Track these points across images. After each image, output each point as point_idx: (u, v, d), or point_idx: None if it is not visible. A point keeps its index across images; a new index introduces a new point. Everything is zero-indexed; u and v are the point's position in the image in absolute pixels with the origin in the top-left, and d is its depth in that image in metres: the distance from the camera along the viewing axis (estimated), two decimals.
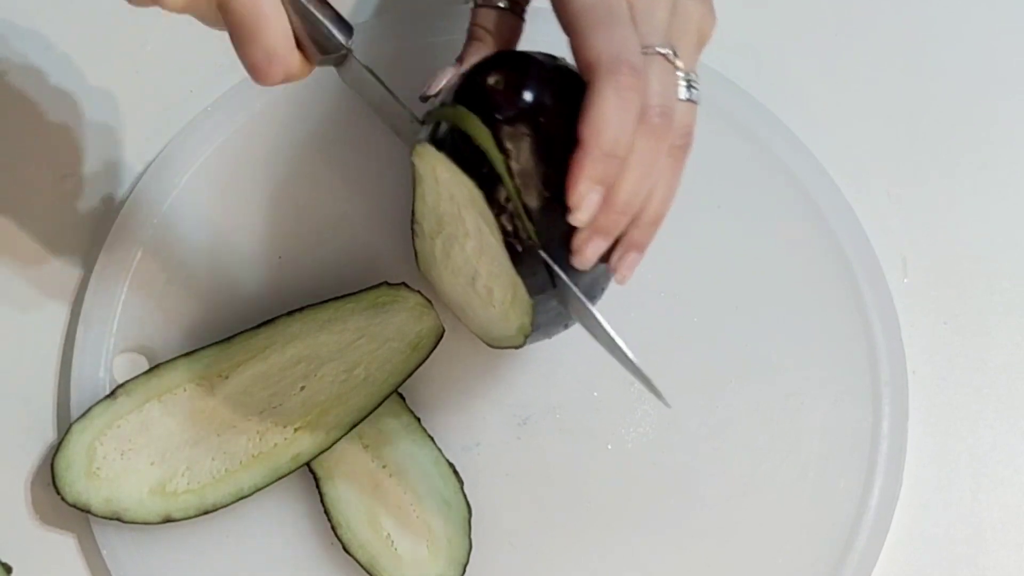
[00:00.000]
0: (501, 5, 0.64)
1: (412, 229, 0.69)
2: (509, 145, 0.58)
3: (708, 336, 0.75)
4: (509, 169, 0.58)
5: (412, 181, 0.65)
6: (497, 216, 0.59)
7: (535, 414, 0.74)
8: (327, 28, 0.60)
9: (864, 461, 0.73)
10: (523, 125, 0.58)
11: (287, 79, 0.59)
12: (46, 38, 0.78)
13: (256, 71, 0.58)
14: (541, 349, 0.72)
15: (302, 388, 0.71)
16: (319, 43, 0.60)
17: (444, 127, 0.59)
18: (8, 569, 0.71)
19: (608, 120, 0.56)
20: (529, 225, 0.59)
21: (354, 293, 0.71)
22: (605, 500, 0.73)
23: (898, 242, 0.78)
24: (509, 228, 0.59)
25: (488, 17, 0.64)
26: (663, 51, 0.59)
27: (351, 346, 0.71)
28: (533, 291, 0.61)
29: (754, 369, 0.74)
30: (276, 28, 0.57)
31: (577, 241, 0.59)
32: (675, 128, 0.59)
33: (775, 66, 0.79)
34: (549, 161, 0.58)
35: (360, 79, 0.63)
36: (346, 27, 0.60)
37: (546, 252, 0.60)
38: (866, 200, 0.77)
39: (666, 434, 0.74)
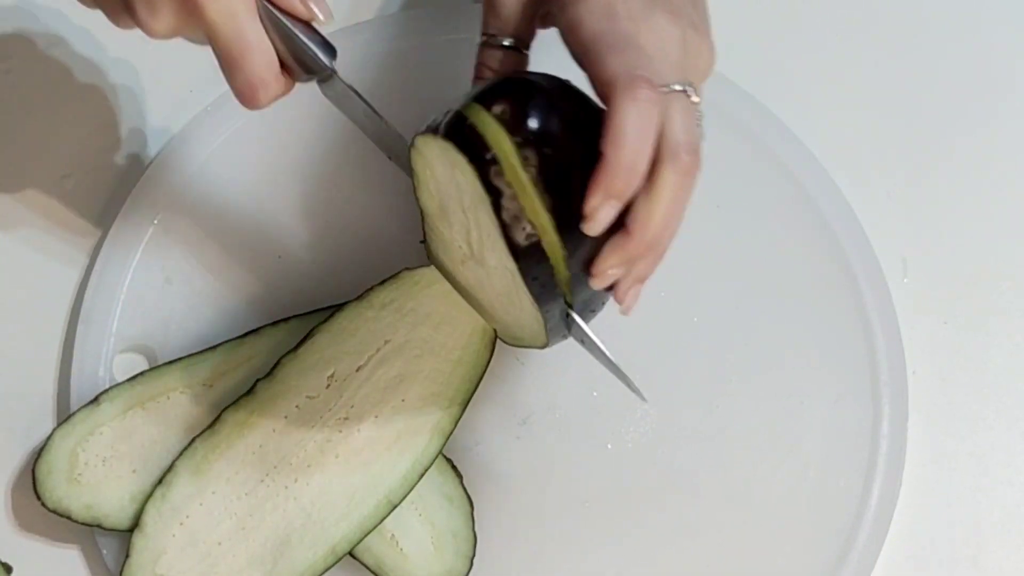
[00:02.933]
0: (506, 44, 0.64)
1: (422, 222, 0.67)
2: (504, 182, 0.57)
3: (708, 336, 0.75)
4: (498, 206, 0.57)
5: (412, 173, 0.63)
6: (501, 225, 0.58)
7: (535, 414, 0.74)
8: (312, 52, 0.61)
9: (864, 461, 0.73)
10: (530, 151, 0.57)
11: (271, 102, 0.60)
12: (46, 39, 0.78)
13: (242, 97, 0.60)
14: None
15: None
16: (303, 64, 0.61)
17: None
18: (8, 569, 0.71)
19: (628, 134, 0.56)
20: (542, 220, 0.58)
21: (330, 308, 0.71)
22: (605, 500, 0.73)
23: (898, 242, 0.78)
24: (513, 233, 0.58)
25: (493, 56, 0.64)
26: (681, 88, 0.59)
27: None
28: (539, 298, 0.60)
29: (754, 369, 0.74)
30: (260, 57, 0.59)
31: (599, 266, 0.59)
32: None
33: (775, 66, 0.79)
34: (557, 186, 0.58)
35: (343, 96, 0.64)
36: (330, 49, 0.61)
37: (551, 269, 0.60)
38: (866, 200, 0.77)
39: (666, 434, 0.74)
